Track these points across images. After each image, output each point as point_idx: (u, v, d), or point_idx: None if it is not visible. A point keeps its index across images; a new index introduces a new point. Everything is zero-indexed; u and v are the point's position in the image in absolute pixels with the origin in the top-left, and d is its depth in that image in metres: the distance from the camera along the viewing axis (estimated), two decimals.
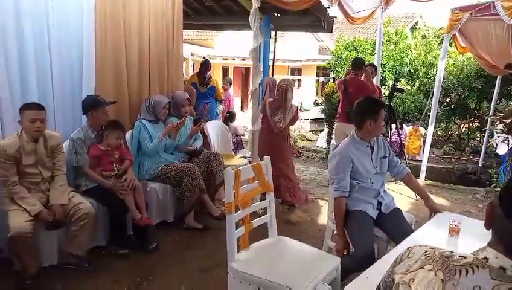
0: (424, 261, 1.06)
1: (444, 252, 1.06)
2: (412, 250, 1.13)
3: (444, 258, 1.03)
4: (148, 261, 3.17)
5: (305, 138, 10.12)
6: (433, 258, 1.05)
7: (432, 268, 1.02)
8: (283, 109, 4.56)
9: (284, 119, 4.58)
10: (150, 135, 3.78)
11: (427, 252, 1.08)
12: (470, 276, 0.96)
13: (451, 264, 1.01)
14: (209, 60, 6.33)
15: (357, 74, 5.12)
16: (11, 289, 2.68)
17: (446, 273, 1.00)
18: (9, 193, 2.73)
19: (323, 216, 4.32)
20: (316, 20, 5.52)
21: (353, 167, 2.61)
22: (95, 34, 3.53)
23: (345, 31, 16.12)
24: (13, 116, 3.00)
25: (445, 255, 1.04)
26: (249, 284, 2.01)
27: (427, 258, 1.06)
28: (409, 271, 1.07)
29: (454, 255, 1.04)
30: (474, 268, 0.97)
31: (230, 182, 2.14)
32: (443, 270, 1.00)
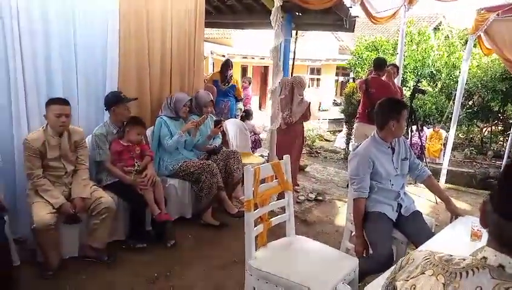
0: (424, 267, 1.05)
1: (443, 256, 1.06)
2: (412, 256, 1.12)
3: (444, 262, 1.03)
4: (166, 256, 3.20)
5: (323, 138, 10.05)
6: (433, 262, 1.04)
7: (433, 273, 1.02)
8: (290, 105, 4.62)
9: (294, 114, 4.61)
10: (171, 132, 3.82)
11: (426, 257, 1.08)
12: (471, 277, 0.96)
13: (451, 267, 1.00)
14: (230, 60, 6.37)
15: (379, 74, 5.06)
16: (34, 278, 2.75)
17: (447, 277, 0.99)
18: (34, 185, 2.81)
19: (341, 217, 4.30)
20: (338, 19, 5.47)
21: (373, 167, 2.58)
22: (119, 33, 3.58)
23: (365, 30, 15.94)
24: (39, 111, 3.08)
25: (444, 259, 1.04)
26: (266, 282, 2.02)
27: (427, 263, 1.05)
28: (410, 277, 1.06)
29: (453, 258, 1.03)
30: (474, 269, 0.96)
31: (250, 180, 2.14)
32: (444, 274, 1.00)
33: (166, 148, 3.80)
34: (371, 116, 4.95)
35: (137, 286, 2.77)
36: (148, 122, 3.82)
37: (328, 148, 8.70)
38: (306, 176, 5.97)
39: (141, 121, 3.47)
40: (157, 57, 4.02)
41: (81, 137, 3.05)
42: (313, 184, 5.56)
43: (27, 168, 2.80)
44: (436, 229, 2.72)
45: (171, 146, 3.78)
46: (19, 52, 2.97)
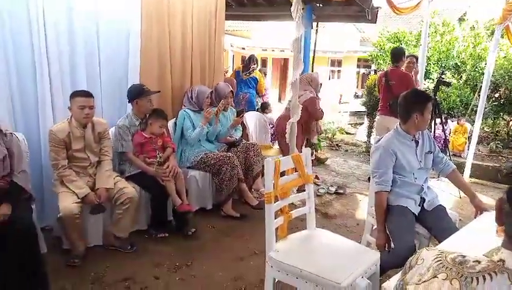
0: (436, 269, 1.00)
1: (455, 257, 1.00)
2: (421, 255, 1.07)
3: (458, 265, 0.97)
4: (188, 247, 3.25)
5: (344, 131, 9.95)
6: (446, 265, 0.99)
7: (447, 277, 0.97)
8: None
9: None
10: (193, 124, 3.86)
11: (437, 258, 1.02)
12: (488, 283, 0.91)
13: (466, 271, 0.95)
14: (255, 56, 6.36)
15: (397, 65, 4.97)
16: (60, 265, 2.83)
17: (462, 282, 0.94)
18: (59, 175, 2.88)
19: (361, 211, 4.26)
20: (360, 10, 5.38)
21: (396, 161, 2.54)
22: (141, 26, 3.63)
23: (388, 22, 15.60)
24: (64, 103, 3.16)
25: (458, 262, 0.98)
26: (287, 274, 2.02)
27: (439, 265, 1.00)
28: (422, 281, 1.01)
29: (467, 260, 0.98)
30: (492, 274, 0.91)
31: (270, 172, 2.14)
32: (458, 279, 0.95)
33: (189, 140, 3.84)
34: (392, 108, 4.88)
35: (159, 274, 2.83)
36: (169, 114, 3.86)
37: (349, 142, 8.60)
38: (326, 169, 5.94)
39: (163, 113, 3.51)
40: (178, 50, 4.05)
41: (105, 129, 3.11)
42: (334, 177, 5.52)
43: (53, 159, 2.88)
44: (460, 224, 2.66)
45: (194, 138, 3.82)
46: (44, 47, 3.05)
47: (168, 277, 2.81)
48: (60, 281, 2.65)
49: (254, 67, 6.19)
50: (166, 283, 2.73)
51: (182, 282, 2.76)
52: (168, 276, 2.83)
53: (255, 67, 6.21)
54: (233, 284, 2.75)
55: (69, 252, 2.91)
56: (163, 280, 2.77)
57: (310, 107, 4.54)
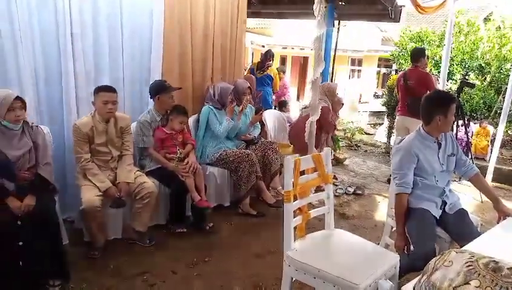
0: (467, 275, 0.95)
1: (488, 262, 0.95)
2: (449, 257, 1.01)
3: (491, 272, 0.92)
4: (205, 243, 3.28)
5: (363, 131, 9.83)
6: (478, 271, 0.94)
7: (480, 285, 0.92)
8: None
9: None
10: (218, 119, 3.90)
11: (468, 263, 0.97)
12: None
13: (501, 280, 0.90)
14: (272, 51, 6.34)
15: (416, 65, 4.91)
16: (81, 256, 2.89)
17: None
18: (82, 169, 2.95)
19: (380, 212, 4.22)
20: (383, 9, 5.32)
21: (418, 163, 2.51)
22: (164, 24, 3.67)
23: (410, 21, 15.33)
24: (87, 98, 3.22)
25: (491, 268, 0.93)
26: (304, 273, 2.02)
27: (471, 270, 0.95)
28: (452, 286, 0.96)
29: (501, 267, 0.93)
30: None
31: (290, 171, 2.14)
32: (493, 288, 0.90)
33: (219, 134, 3.88)
34: (410, 108, 4.84)
35: (177, 269, 2.86)
36: (190, 111, 3.89)
37: (368, 142, 8.50)
38: (345, 170, 5.89)
39: (184, 110, 3.55)
40: (199, 46, 4.08)
41: (127, 124, 3.16)
42: (352, 178, 5.48)
43: (76, 152, 2.94)
44: (481, 229, 2.61)
45: (223, 132, 3.88)
46: (70, 43, 3.12)
47: (185, 272, 2.84)
48: (80, 272, 2.71)
49: (270, 64, 6.17)
50: (183, 278, 2.76)
51: (199, 277, 2.79)
52: (185, 271, 2.86)
53: (270, 64, 6.19)
54: (250, 281, 2.76)
55: (90, 245, 2.98)
56: (180, 274, 2.81)
57: (321, 118, 4.53)
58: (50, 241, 2.48)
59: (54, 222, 2.52)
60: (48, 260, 2.47)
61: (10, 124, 2.45)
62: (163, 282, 2.70)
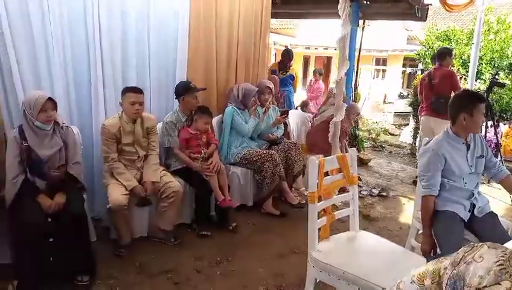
0: (498, 275, 0.88)
1: None
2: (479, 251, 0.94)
3: None
4: (229, 242, 3.30)
5: (388, 132, 9.66)
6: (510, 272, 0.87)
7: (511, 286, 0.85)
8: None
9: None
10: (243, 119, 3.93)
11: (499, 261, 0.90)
12: None
13: None
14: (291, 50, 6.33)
15: (441, 64, 4.82)
16: (107, 254, 2.96)
17: None
18: (109, 168, 3.02)
19: (405, 214, 4.15)
20: (409, 8, 5.22)
21: (445, 164, 2.45)
22: (189, 23, 3.71)
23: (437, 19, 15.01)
24: (115, 99, 3.30)
25: None
26: (328, 275, 2.01)
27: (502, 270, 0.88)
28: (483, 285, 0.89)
29: None
30: None
31: (314, 172, 2.13)
32: None
33: (247, 133, 3.93)
34: (434, 107, 4.79)
35: (200, 268, 2.89)
36: (214, 111, 3.93)
37: (393, 143, 8.35)
38: (369, 171, 5.81)
39: (208, 110, 3.58)
40: (224, 47, 4.11)
41: (153, 124, 3.21)
42: (377, 179, 5.40)
43: (104, 152, 3.02)
44: None
45: (250, 130, 3.93)
46: (99, 44, 3.20)
47: (209, 271, 2.87)
48: (107, 269, 2.78)
49: (291, 64, 6.17)
50: (207, 277, 2.79)
51: (223, 277, 2.81)
52: (209, 270, 2.88)
53: (291, 64, 6.19)
54: (273, 282, 2.77)
55: (116, 242, 3.04)
56: (204, 273, 2.84)
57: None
58: (79, 238, 2.55)
59: (82, 219, 2.59)
60: (76, 257, 2.55)
61: (42, 124, 2.53)
62: (187, 280, 2.73)
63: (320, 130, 4.62)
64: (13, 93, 2.89)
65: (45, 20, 2.92)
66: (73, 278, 2.58)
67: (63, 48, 3.08)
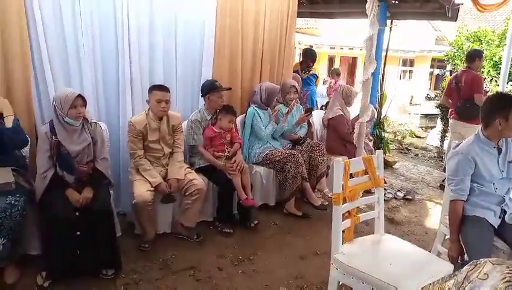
0: None
1: None
2: (483, 269, 0.91)
3: None
4: (250, 241, 3.31)
5: (414, 135, 9.46)
6: None
7: None
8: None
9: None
10: (262, 121, 3.92)
11: (506, 278, 0.86)
12: None
13: None
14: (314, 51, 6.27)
15: (469, 67, 4.69)
16: (132, 248, 3.02)
17: None
18: (135, 164, 3.07)
19: (431, 219, 4.05)
20: (439, 7, 5.09)
21: (475, 168, 2.38)
22: (216, 23, 3.74)
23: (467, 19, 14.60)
24: (142, 96, 3.35)
25: None
26: (352, 277, 1.99)
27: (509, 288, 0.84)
28: None
29: None
30: None
31: (340, 173, 2.11)
32: None
33: (263, 137, 3.90)
34: (460, 112, 4.70)
35: (222, 266, 2.91)
36: (238, 110, 3.94)
37: (419, 145, 8.16)
38: (394, 173, 5.70)
39: (233, 109, 3.59)
40: (249, 46, 4.11)
41: (179, 122, 3.25)
42: (402, 182, 5.29)
43: (130, 148, 3.07)
44: None
45: (267, 135, 3.91)
46: (127, 45, 3.27)
47: (230, 269, 2.88)
48: (131, 263, 2.83)
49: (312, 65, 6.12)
50: (228, 275, 2.80)
51: (244, 275, 2.82)
52: (230, 268, 2.90)
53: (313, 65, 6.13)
54: (294, 283, 2.75)
55: (140, 237, 3.09)
56: (226, 271, 2.85)
57: (337, 127, 4.50)
58: (104, 232, 2.61)
59: (108, 214, 2.65)
60: (102, 250, 2.60)
61: (72, 120, 2.59)
62: (209, 278, 2.75)
63: (328, 131, 4.60)
64: (45, 90, 2.99)
65: (76, 19, 3.01)
66: (99, 271, 2.64)
67: (93, 47, 3.16)
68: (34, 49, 2.89)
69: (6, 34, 2.74)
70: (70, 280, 2.55)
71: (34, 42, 2.87)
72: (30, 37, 2.85)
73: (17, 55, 2.79)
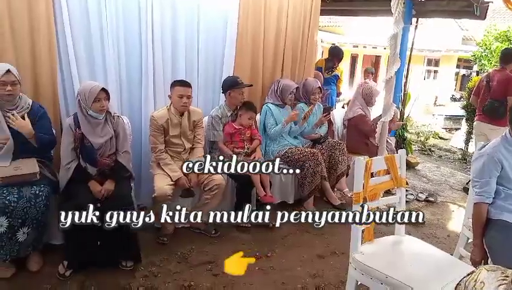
0: None
1: None
2: (478, 277, 0.92)
3: None
4: (268, 238, 3.30)
5: (438, 136, 9.26)
6: None
7: None
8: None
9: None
10: (275, 119, 3.88)
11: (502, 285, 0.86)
12: None
13: None
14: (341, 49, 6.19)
15: (504, 66, 4.53)
16: (151, 242, 3.06)
17: None
18: (156, 158, 3.11)
19: (454, 221, 3.96)
20: (468, 5, 4.94)
21: (502, 171, 2.30)
22: (238, 19, 3.74)
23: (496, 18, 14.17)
24: (164, 92, 3.39)
25: None
26: (371, 278, 1.95)
27: None
28: None
29: None
30: None
31: (361, 172, 2.07)
32: None
33: (270, 135, 3.88)
34: (487, 111, 4.56)
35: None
36: (258, 107, 3.94)
37: (443, 147, 7.98)
38: (417, 175, 5.59)
39: (253, 106, 3.59)
40: (271, 43, 4.10)
41: (200, 117, 3.27)
42: (424, 184, 5.19)
43: (152, 143, 3.11)
44: None
45: (274, 134, 3.86)
46: (151, 41, 3.32)
47: (247, 265, 2.88)
48: (150, 256, 2.87)
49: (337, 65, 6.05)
50: (245, 271, 2.80)
51: (261, 272, 2.82)
52: (248, 264, 2.89)
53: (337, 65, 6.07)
54: (312, 281, 2.73)
55: (159, 231, 3.13)
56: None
57: (359, 126, 4.43)
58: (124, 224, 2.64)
59: (129, 206, 2.68)
60: (122, 242, 2.64)
61: (95, 113, 2.64)
62: (226, 273, 2.76)
63: (349, 130, 4.55)
64: (70, 83, 3.07)
65: (102, 15, 3.08)
66: (118, 263, 2.68)
67: (117, 42, 3.22)
68: (61, 44, 2.97)
69: (35, 29, 2.82)
70: (91, 270, 2.60)
71: (60, 37, 2.96)
72: (57, 32, 2.93)
73: (44, 49, 2.88)
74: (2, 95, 2.46)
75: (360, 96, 4.53)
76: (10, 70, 2.46)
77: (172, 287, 2.58)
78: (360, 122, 4.41)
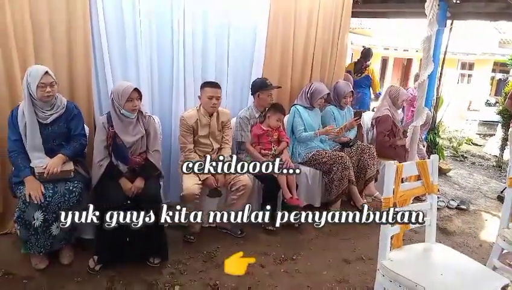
0: None
1: None
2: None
3: None
4: (294, 241, 3.29)
5: (471, 142, 8.95)
6: None
7: None
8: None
9: None
10: (304, 122, 3.86)
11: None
12: None
13: None
14: (371, 50, 6.11)
15: None
16: (178, 240, 3.10)
17: None
18: (185, 158, 3.14)
19: (487, 231, 3.82)
20: (506, 7, 4.77)
21: None
22: (268, 21, 3.76)
23: None
24: (194, 92, 3.44)
25: None
26: (399, 285, 1.91)
27: None
28: None
29: None
30: None
31: (391, 177, 2.03)
32: None
33: (298, 139, 3.86)
34: None
35: (265, 263, 2.91)
36: (287, 109, 3.93)
37: (476, 153, 7.71)
38: (448, 181, 5.43)
39: (282, 108, 3.59)
40: (301, 46, 4.09)
41: (228, 118, 3.30)
42: (456, 191, 5.03)
43: (181, 142, 3.16)
44: None
45: (304, 139, 3.85)
46: (182, 41, 3.40)
47: (273, 267, 2.88)
48: (177, 254, 2.91)
49: (367, 65, 5.95)
50: (271, 273, 2.80)
51: (286, 275, 2.80)
52: (273, 266, 2.89)
53: (368, 65, 5.96)
54: (338, 286, 2.69)
55: (186, 229, 3.17)
56: (268, 269, 2.85)
57: (377, 125, 4.36)
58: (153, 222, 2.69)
59: (157, 205, 2.73)
60: (150, 239, 2.69)
61: (128, 112, 2.70)
62: (251, 274, 2.76)
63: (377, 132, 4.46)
64: (104, 83, 3.16)
65: (135, 17, 3.17)
66: (146, 259, 2.73)
67: (150, 44, 3.31)
68: (96, 44, 3.06)
69: (72, 32, 2.94)
70: (119, 265, 2.66)
71: (96, 39, 3.07)
72: (93, 34, 3.05)
73: (80, 51, 3.00)
74: (42, 97, 2.53)
75: (388, 97, 4.44)
76: (48, 72, 2.54)
77: (197, 285, 2.61)
78: (379, 121, 4.33)
